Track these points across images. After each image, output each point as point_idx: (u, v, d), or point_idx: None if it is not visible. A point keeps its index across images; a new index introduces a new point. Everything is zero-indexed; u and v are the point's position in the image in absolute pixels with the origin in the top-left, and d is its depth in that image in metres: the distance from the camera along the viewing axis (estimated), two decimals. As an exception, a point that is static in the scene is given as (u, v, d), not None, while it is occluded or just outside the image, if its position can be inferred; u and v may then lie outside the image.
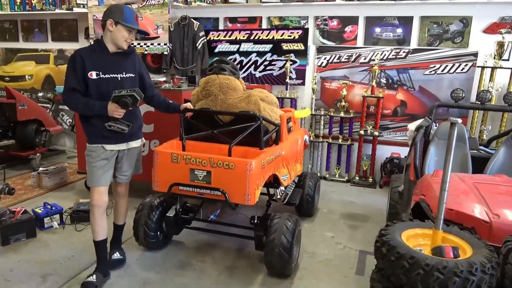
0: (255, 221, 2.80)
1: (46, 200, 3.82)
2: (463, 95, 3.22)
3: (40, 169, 4.50)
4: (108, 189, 2.61)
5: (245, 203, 2.46)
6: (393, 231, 1.84)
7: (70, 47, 6.16)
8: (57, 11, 5.83)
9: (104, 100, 2.42)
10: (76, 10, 5.69)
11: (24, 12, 6.08)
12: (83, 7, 5.64)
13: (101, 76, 2.45)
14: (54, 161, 5.57)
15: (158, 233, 2.97)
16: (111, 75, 2.48)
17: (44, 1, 5.93)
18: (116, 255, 2.83)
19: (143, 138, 2.79)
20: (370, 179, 4.87)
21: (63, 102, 2.53)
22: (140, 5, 5.21)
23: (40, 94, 6.15)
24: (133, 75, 2.59)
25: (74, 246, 3.12)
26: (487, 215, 2.01)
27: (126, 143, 2.60)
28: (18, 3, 6.06)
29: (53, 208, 3.48)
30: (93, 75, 2.43)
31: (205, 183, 2.52)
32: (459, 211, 2.06)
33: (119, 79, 2.51)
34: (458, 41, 4.45)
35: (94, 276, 2.53)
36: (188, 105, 2.87)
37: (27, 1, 6.04)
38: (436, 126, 3.30)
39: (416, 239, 1.88)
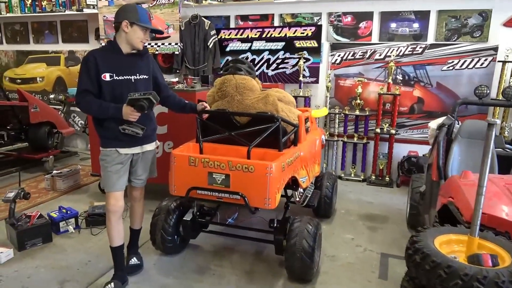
0: (275, 224, 2.73)
1: (60, 203, 3.80)
2: (488, 91, 3.10)
3: (54, 171, 4.48)
4: (124, 193, 2.56)
5: (266, 207, 2.39)
6: (425, 238, 1.75)
7: (80, 48, 6.14)
8: (67, 12, 5.80)
9: (117, 102, 2.37)
10: (86, 11, 5.66)
11: (34, 14, 6.07)
12: (93, 7, 5.61)
13: (115, 78, 2.39)
14: (66, 163, 5.57)
15: (175, 237, 2.92)
16: (125, 76, 2.42)
17: (54, 3, 5.92)
18: (134, 260, 2.79)
19: (157, 141, 2.74)
20: (387, 178, 4.77)
21: (76, 104, 2.47)
22: (151, 5, 5.15)
23: (52, 96, 6.14)
24: (146, 77, 2.53)
25: (91, 250, 3.08)
26: (522, 219, 1.92)
27: (140, 146, 2.54)
28: (28, 5, 6.06)
29: (68, 212, 3.45)
30: (106, 77, 2.37)
31: (223, 186, 2.46)
32: (492, 215, 1.97)
33: (133, 81, 2.45)
34: (477, 35, 4.32)
35: (112, 284, 2.48)
36: (205, 104, 2.80)
37: (37, 3, 6.03)
38: (458, 124, 3.19)
39: (450, 245, 1.80)
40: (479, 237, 1.73)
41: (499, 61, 4.21)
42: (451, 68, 4.46)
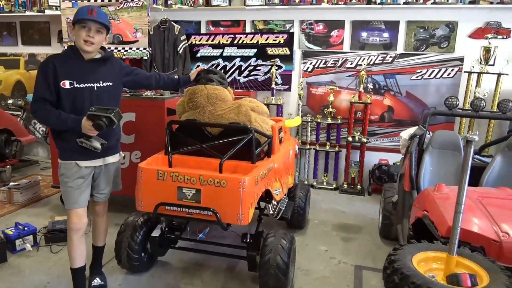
0: (248, 239, 2.63)
1: (18, 218, 3.54)
2: (457, 102, 3.16)
3: (11, 183, 4.18)
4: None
5: (238, 223, 2.29)
6: (403, 256, 1.71)
7: (42, 51, 5.82)
8: (28, 13, 5.48)
9: (78, 112, 2.20)
10: (48, 12, 5.37)
11: (-9, 14, 5.71)
12: (56, 9, 5.33)
13: (75, 85, 2.21)
14: (26, 173, 5.24)
15: (143, 254, 2.75)
16: (86, 84, 2.25)
17: (13, 3, 5.58)
18: (97, 281, 2.60)
19: (121, 152, 2.58)
20: (358, 187, 4.78)
21: (31, 113, 2.26)
22: (118, 8, 4.94)
23: (10, 102, 5.77)
24: (111, 84, 2.35)
25: (50, 271, 2.86)
26: (496, 234, 1.91)
27: (102, 158, 2.37)
28: (-16, 5, 5.68)
29: (25, 228, 3.20)
30: (66, 84, 2.19)
31: (194, 202, 2.33)
32: (467, 229, 1.96)
33: (96, 88, 2.28)
34: (445, 45, 4.42)
35: None
36: (199, 69, 2.76)
37: (-6, 3, 5.68)
38: (429, 134, 3.22)
39: (427, 263, 1.77)
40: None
41: (465, 72, 4.32)
42: (419, 77, 4.54)
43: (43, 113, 2.20)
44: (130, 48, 5.01)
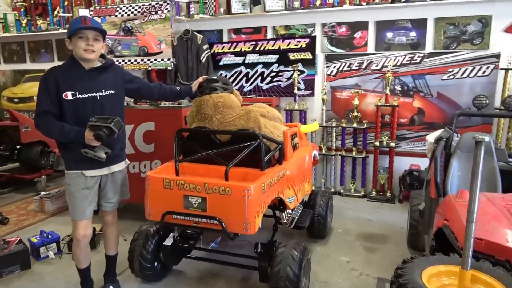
0: (259, 249, 2.54)
1: (48, 226, 3.68)
2: (487, 102, 2.91)
3: (42, 193, 4.37)
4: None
5: (244, 232, 2.21)
6: (412, 270, 1.56)
7: (75, 66, 6.09)
8: (61, 30, 5.77)
9: (81, 123, 2.22)
10: (79, 29, 5.61)
11: (30, 34, 6.06)
12: (87, 25, 5.56)
13: (78, 96, 2.23)
14: (61, 183, 5.46)
15: (155, 263, 2.74)
16: (89, 94, 2.26)
17: (48, 22, 5.91)
18: (111, 289, 2.62)
19: (127, 160, 2.59)
20: (388, 194, 4.55)
21: (35, 126, 2.28)
22: (142, 21, 5.08)
23: (47, 115, 6.07)
24: (113, 92, 2.35)
25: (70, 278, 2.92)
26: (525, 246, 1.70)
27: (107, 167, 2.39)
28: (23, 25, 6.05)
29: (49, 236, 3.31)
30: (68, 95, 2.21)
31: (200, 211, 2.29)
32: (490, 241, 1.76)
33: (98, 98, 2.29)
34: (478, 42, 4.13)
35: None
36: (200, 79, 2.73)
37: (32, 22, 6.03)
38: (458, 137, 2.99)
39: (440, 278, 1.60)
40: (472, 268, 1.53)
41: (501, 69, 4.00)
42: (451, 77, 4.26)
43: (46, 126, 2.22)
44: (155, 60, 5.12)
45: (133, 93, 2.63)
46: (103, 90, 2.31)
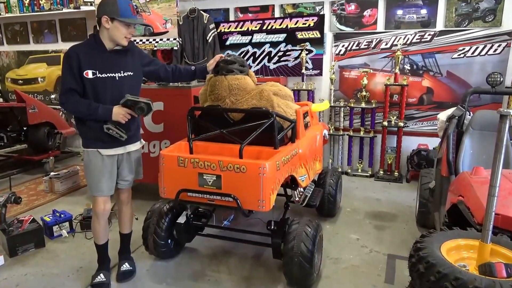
0: (272, 227, 2.56)
1: (58, 206, 3.71)
2: (501, 79, 2.87)
3: (52, 173, 4.39)
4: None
5: (259, 209, 2.23)
6: (431, 244, 1.57)
7: (80, 46, 6.03)
8: (65, 10, 5.70)
9: (99, 102, 2.24)
10: (83, 8, 5.55)
11: (33, 14, 5.98)
12: (90, 4, 5.48)
13: (98, 75, 2.24)
14: (68, 164, 5.49)
15: (169, 241, 2.78)
16: (108, 74, 2.27)
17: (52, 1, 5.82)
18: (126, 266, 2.66)
19: (142, 140, 2.60)
20: (395, 173, 4.56)
21: (60, 105, 2.31)
22: (147, 0, 5.01)
23: (53, 96, 6.07)
24: (131, 73, 2.37)
25: (83, 256, 2.97)
26: (542, 221, 1.71)
27: (123, 146, 2.41)
28: (26, 4, 5.97)
29: (62, 215, 3.34)
30: (89, 74, 2.22)
31: (215, 188, 2.30)
32: (507, 216, 1.77)
33: (117, 78, 2.31)
34: (490, 19, 4.06)
35: (102, 275, 2.47)
36: (218, 57, 2.66)
37: (35, 2, 5.94)
38: (470, 115, 2.97)
39: (459, 251, 1.61)
40: (491, 242, 1.54)
41: (514, 47, 3.96)
42: (462, 55, 4.21)
43: (73, 104, 2.24)
44: (161, 39, 5.06)
45: (151, 75, 2.62)
46: (122, 71, 2.32)
